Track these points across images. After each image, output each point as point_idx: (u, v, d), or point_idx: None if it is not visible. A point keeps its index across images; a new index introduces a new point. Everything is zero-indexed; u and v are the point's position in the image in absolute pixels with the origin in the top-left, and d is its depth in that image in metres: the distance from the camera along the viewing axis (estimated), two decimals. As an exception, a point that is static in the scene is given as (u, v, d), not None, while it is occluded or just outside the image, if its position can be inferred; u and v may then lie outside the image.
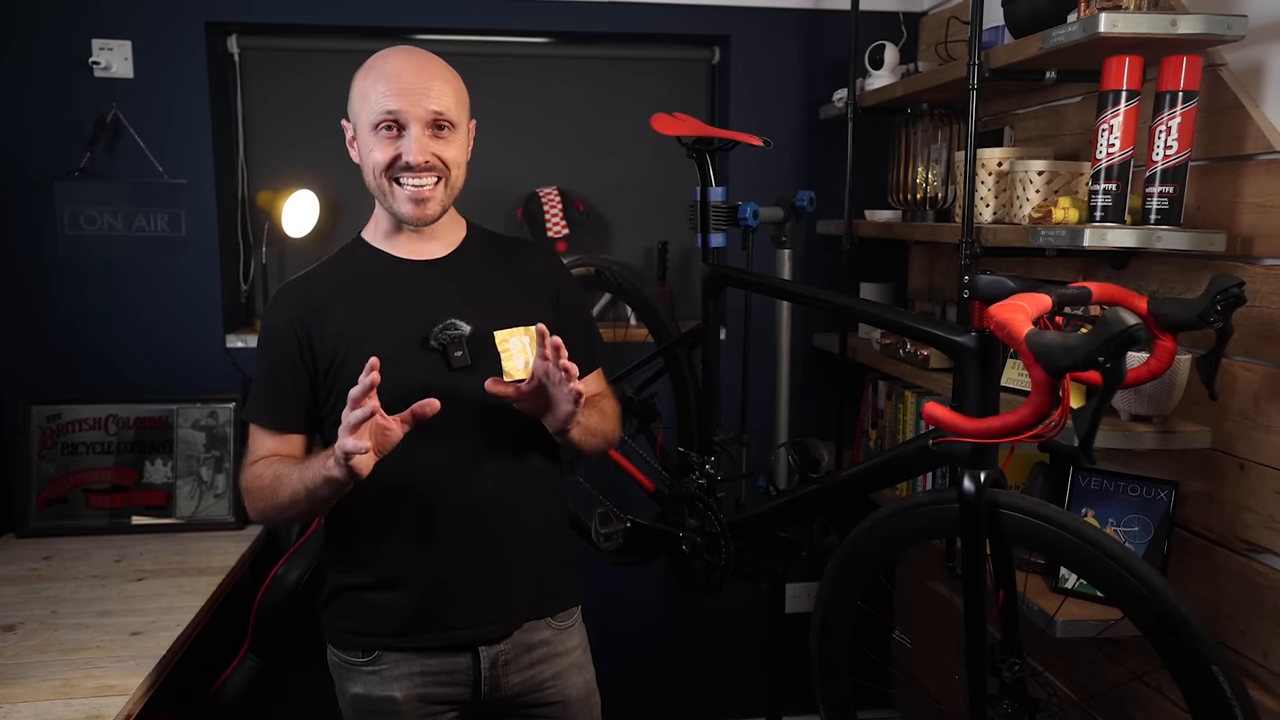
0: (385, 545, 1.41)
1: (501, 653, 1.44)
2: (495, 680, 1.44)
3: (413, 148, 1.33)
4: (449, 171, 1.38)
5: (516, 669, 1.45)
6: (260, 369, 1.44)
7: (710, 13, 2.48)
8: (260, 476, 1.37)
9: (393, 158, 1.34)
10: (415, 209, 1.37)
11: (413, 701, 1.42)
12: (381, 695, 1.42)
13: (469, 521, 1.40)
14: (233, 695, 2.01)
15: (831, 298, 1.76)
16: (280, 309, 1.43)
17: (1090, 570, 1.27)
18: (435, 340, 1.38)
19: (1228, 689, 1.16)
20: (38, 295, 2.31)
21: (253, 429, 1.43)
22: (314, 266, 1.50)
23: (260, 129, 2.52)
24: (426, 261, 1.45)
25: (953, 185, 2.09)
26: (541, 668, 1.47)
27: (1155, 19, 1.45)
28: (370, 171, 1.38)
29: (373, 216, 1.48)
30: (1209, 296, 1.34)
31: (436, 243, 1.46)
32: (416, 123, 1.33)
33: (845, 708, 1.66)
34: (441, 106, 1.35)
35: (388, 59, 1.37)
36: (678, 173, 2.47)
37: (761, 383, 2.30)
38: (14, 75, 2.24)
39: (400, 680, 1.41)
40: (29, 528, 2.25)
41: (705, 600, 2.64)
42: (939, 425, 1.29)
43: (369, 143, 1.36)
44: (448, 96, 1.36)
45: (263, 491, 1.36)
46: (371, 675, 1.43)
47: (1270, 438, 1.49)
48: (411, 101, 1.33)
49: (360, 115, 1.37)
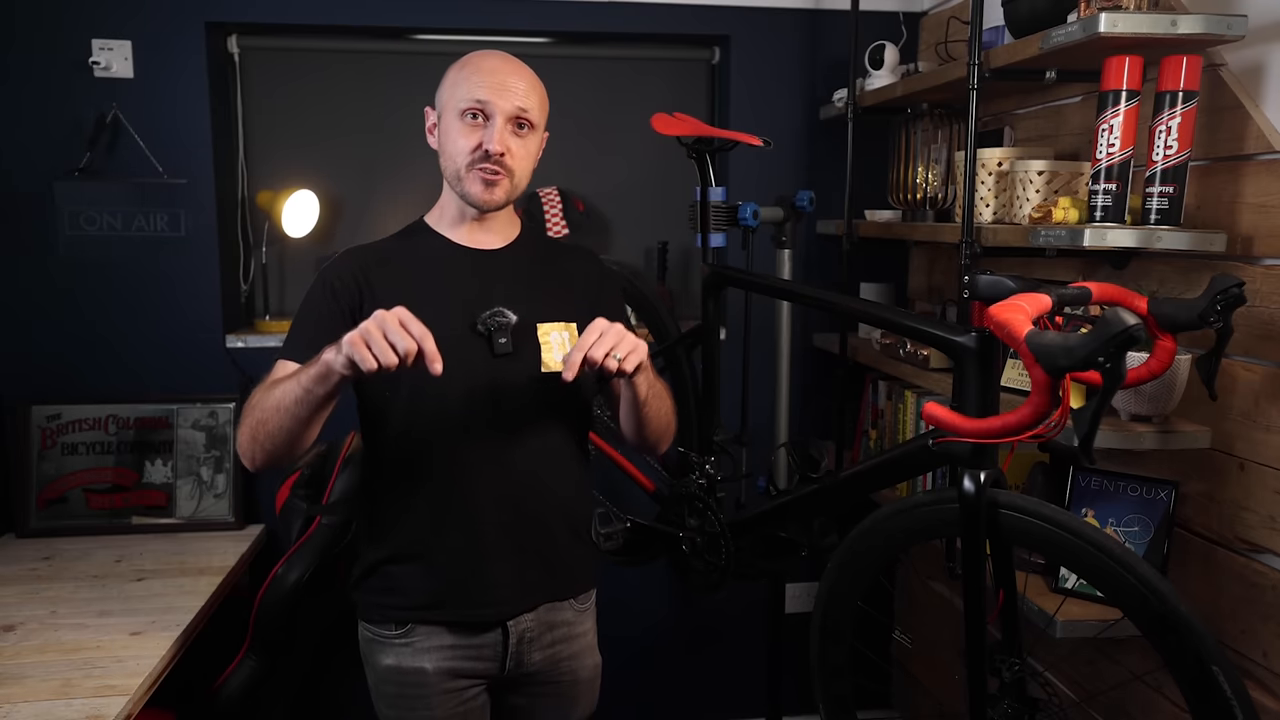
0: (420, 522, 1.45)
1: (528, 629, 1.49)
2: (520, 656, 1.50)
3: (494, 137, 1.41)
4: (515, 169, 1.46)
5: (539, 646, 1.51)
6: (307, 315, 1.47)
7: (710, 13, 2.48)
8: (263, 393, 1.36)
9: (476, 144, 1.42)
10: (485, 191, 1.44)
11: (442, 674, 1.46)
12: (412, 666, 1.46)
13: (502, 502, 1.45)
14: (233, 695, 2.01)
15: (831, 298, 1.76)
16: (345, 266, 1.48)
17: (1090, 570, 1.27)
18: (482, 325, 1.44)
19: (1228, 689, 1.16)
20: (38, 295, 2.31)
21: (277, 366, 1.43)
22: (379, 240, 1.57)
23: (260, 129, 2.52)
24: (483, 250, 1.52)
25: (953, 185, 2.09)
26: (561, 647, 1.54)
27: (1155, 19, 1.46)
28: (450, 155, 1.45)
29: (438, 204, 1.55)
30: (1209, 296, 1.34)
31: (494, 235, 1.53)
32: (501, 115, 1.42)
33: (845, 708, 1.66)
34: (526, 105, 1.44)
35: (485, 56, 1.47)
36: (678, 173, 2.47)
37: (761, 383, 2.30)
38: (14, 75, 2.24)
39: (431, 653, 1.46)
40: (29, 528, 2.25)
41: (705, 600, 2.64)
42: (939, 425, 1.29)
43: (454, 128, 1.44)
44: (533, 98, 1.46)
45: (259, 403, 1.35)
46: (404, 647, 1.47)
47: (1270, 438, 1.49)
48: (500, 95, 1.42)
49: (449, 102, 1.45)
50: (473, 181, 1.43)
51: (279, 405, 1.31)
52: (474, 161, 1.42)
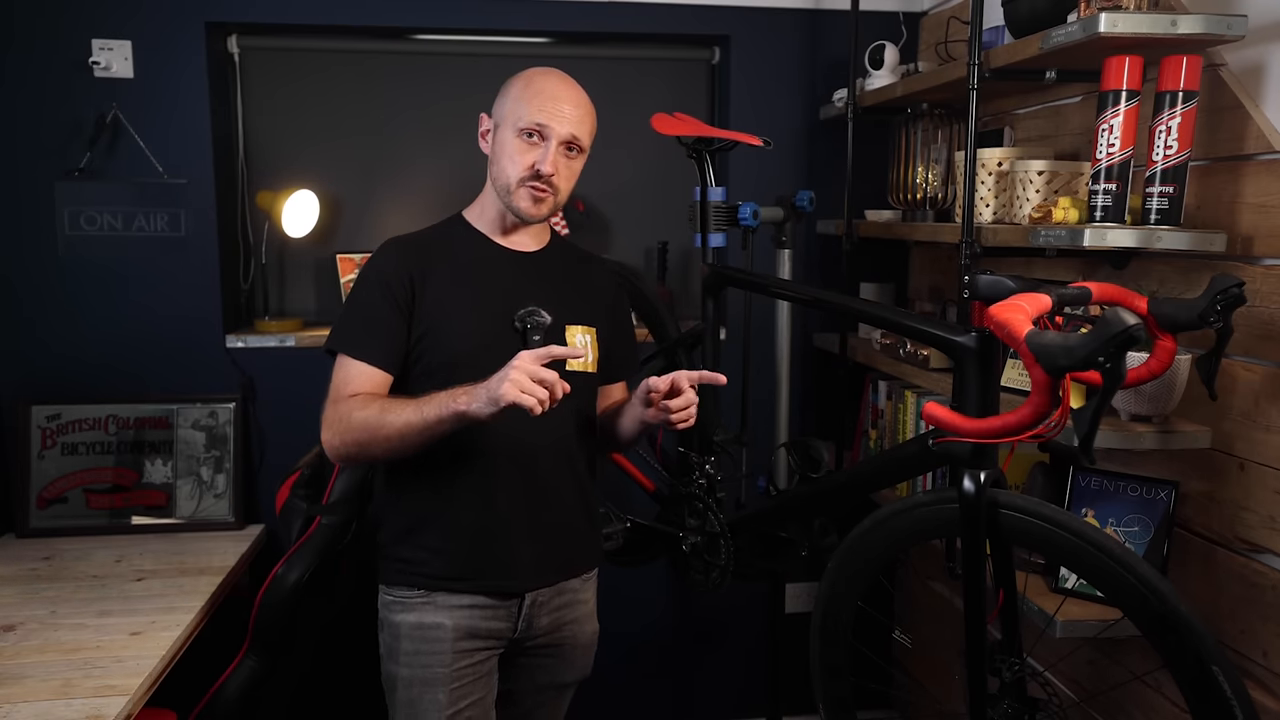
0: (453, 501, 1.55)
1: (540, 594, 1.61)
2: (530, 620, 1.61)
3: (549, 159, 1.52)
4: (561, 188, 1.57)
5: (547, 611, 1.62)
6: (360, 308, 1.55)
7: (710, 13, 2.48)
8: (364, 406, 1.44)
9: (530, 163, 1.52)
10: (533, 206, 1.55)
11: (460, 632, 1.55)
12: (433, 621, 1.55)
13: (527, 487, 1.56)
14: (233, 695, 2.01)
15: (831, 298, 1.76)
16: (392, 258, 1.57)
17: (1090, 570, 1.27)
18: (519, 322, 1.55)
19: (1228, 689, 1.16)
20: (38, 295, 2.31)
21: (346, 362, 1.51)
22: (418, 232, 1.65)
23: (260, 129, 2.52)
24: (521, 253, 1.63)
25: (953, 185, 2.09)
26: (564, 612, 1.65)
27: (1155, 19, 1.46)
28: (504, 169, 1.55)
29: (478, 201, 1.64)
30: (1209, 296, 1.34)
31: (531, 240, 1.65)
32: (556, 139, 1.53)
33: (845, 708, 1.66)
34: (579, 132, 1.55)
35: (548, 78, 1.57)
36: (678, 173, 2.47)
37: (761, 383, 2.30)
38: (14, 75, 2.24)
39: (451, 610, 1.55)
40: (29, 528, 2.25)
41: (705, 600, 2.64)
42: (939, 425, 1.29)
43: (510, 144, 1.54)
44: (585, 126, 1.57)
45: (366, 422, 1.43)
46: (425, 605, 1.56)
47: (1270, 438, 1.49)
48: (558, 120, 1.52)
49: (509, 117, 1.54)
50: (522, 197, 1.54)
51: (400, 433, 1.41)
52: (526, 179, 1.53)
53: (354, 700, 2.47)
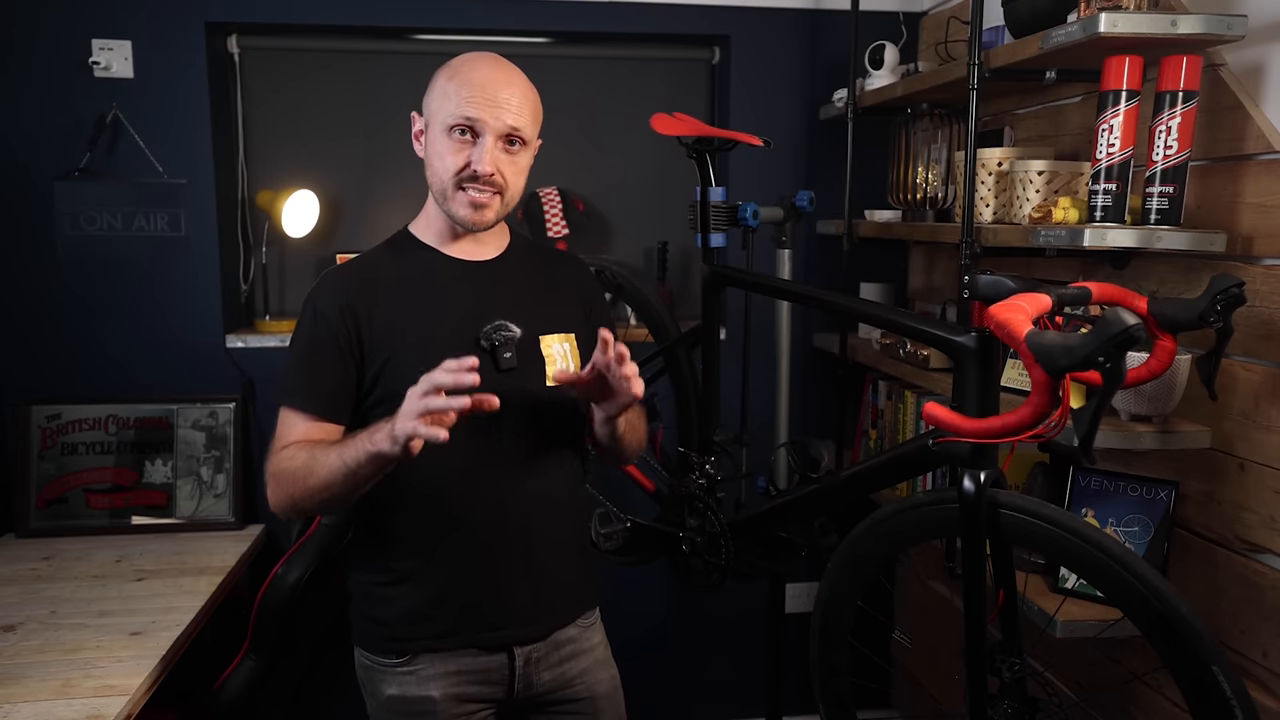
0: (423, 548, 1.41)
1: (534, 650, 1.46)
2: (528, 678, 1.46)
3: (484, 158, 1.34)
4: (507, 188, 1.39)
5: (547, 666, 1.47)
6: (301, 354, 1.40)
7: (710, 13, 2.48)
8: (292, 458, 1.32)
9: (464, 164, 1.35)
10: (473, 214, 1.38)
11: (449, 701, 1.42)
12: (417, 695, 1.41)
13: (509, 524, 1.41)
14: (233, 695, 2.00)
15: (831, 298, 1.76)
16: (328, 295, 1.40)
17: (1090, 570, 1.27)
18: (485, 340, 1.39)
19: (1228, 689, 1.16)
20: (37, 295, 2.31)
21: (287, 414, 1.39)
22: (360, 256, 1.49)
23: (260, 129, 2.52)
24: (476, 262, 1.46)
25: (953, 185, 2.09)
26: (570, 664, 1.50)
27: (1155, 19, 1.45)
28: (437, 173, 1.38)
29: (423, 212, 1.48)
30: (1209, 296, 1.34)
31: (485, 246, 1.47)
32: (491, 134, 1.34)
33: (845, 708, 1.66)
34: (518, 123, 1.36)
35: (476, 65, 1.38)
36: (678, 173, 2.47)
37: (761, 383, 2.30)
38: (14, 75, 2.24)
39: (436, 680, 1.41)
40: (29, 528, 2.25)
41: (705, 600, 2.64)
42: (939, 425, 1.29)
43: (441, 144, 1.36)
44: (525, 114, 1.38)
45: (294, 474, 1.31)
46: (407, 676, 1.42)
47: (1270, 438, 1.49)
48: (491, 113, 1.34)
49: (436, 114, 1.37)
50: (460, 204, 1.37)
51: (325, 482, 1.27)
52: (462, 181, 1.36)
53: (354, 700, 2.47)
